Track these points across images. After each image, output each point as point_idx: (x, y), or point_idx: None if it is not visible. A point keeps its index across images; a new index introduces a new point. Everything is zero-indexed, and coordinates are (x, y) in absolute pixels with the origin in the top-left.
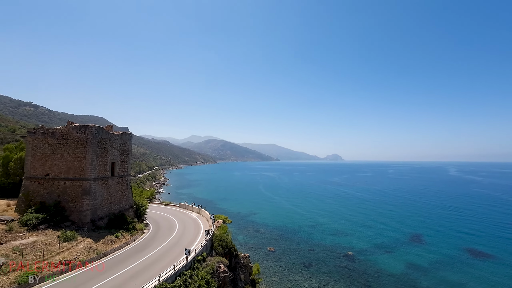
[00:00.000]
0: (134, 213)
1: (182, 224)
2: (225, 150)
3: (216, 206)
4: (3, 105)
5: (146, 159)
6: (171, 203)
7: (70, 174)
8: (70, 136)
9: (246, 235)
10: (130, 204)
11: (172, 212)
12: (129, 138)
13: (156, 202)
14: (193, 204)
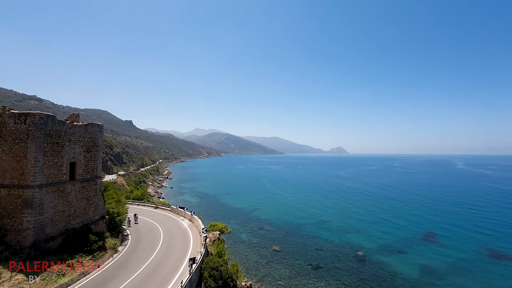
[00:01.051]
0: (107, 225)
1: (168, 237)
2: (229, 143)
3: (219, 201)
4: (8, 99)
5: (150, 152)
6: (163, 206)
7: (6, 179)
8: (6, 128)
9: (250, 233)
10: (101, 214)
11: (161, 219)
12: (98, 130)
13: (146, 205)
14: (186, 209)
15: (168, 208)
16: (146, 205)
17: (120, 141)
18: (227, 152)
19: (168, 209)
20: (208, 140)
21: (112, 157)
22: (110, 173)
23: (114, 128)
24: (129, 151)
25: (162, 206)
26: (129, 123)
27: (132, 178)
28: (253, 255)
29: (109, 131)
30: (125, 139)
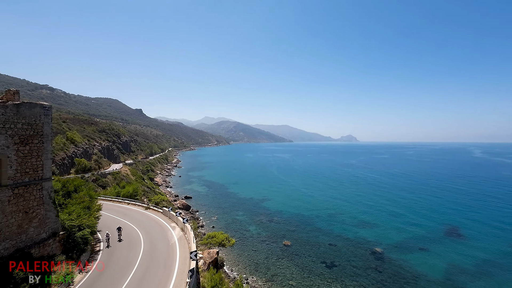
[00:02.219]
0: (63, 244)
1: (147, 258)
2: (237, 131)
3: (227, 191)
4: (21, 88)
5: (160, 141)
6: (154, 207)
7: None
8: None
9: (259, 225)
10: (51, 231)
11: (147, 225)
12: (43, 113)
13: (137, 204)
14: (179, 214)
15: (160, 210)
16: (137, 204)
17: (130, 129)
18: (236, 140)
19: (160, 211)
20: (217, 128)
21: (119, 146)
22: (116, 162)
23: (124, 116)
24: (138, 140)
25: (153, 206)
26: (139, 111)
27: (140, 167)
28: (263, 251)
29: (119, 120)
30: (135, 127)
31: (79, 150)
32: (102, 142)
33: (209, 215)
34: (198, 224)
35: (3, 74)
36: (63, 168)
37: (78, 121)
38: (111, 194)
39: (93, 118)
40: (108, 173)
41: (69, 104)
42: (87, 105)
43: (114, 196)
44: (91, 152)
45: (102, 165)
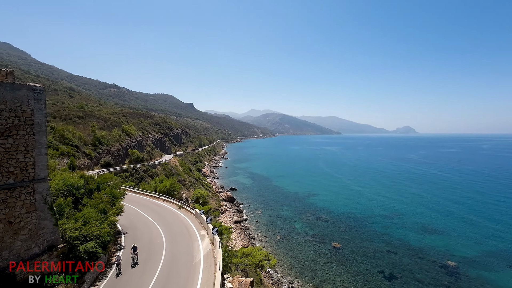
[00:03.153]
0: (62, 259)
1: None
2: (283, 123)
3: (272, 184)
4: (94, 87)
5: (208, 133)
6: (187, 207)
7: None
8: None
9: (306, 223)
10: (46, 244)
11: (175, 231)
12: (33, 97)
13: (172, 201)
14: (209, 219)
15: (192, 212)
16: (171, 201)
17: (182, 122)
18: (281, 132)
19: (193, 212)
20: (263, 121)
21: (171, 138)
22: (168, 153)
23: (177, 110)
24: (188, 132)
25: (186, 206)
26: (191, 105)
27: (189, 158)
28: (309, 251)
29: (173, 113)
30: (186, 120)
31: (133, 141)
32: (156, 134)
33: (253, 208)
34: (242, 218)
35: (80, 76)
36: (118, 158)
37: (136, 115)
38: (149, 188)
39: (150, 112)
40: (158, 164)
41: (132, 100)
42: (146, 100)
43: (152, 190)
44: (145, 144)
45: (153, 156)
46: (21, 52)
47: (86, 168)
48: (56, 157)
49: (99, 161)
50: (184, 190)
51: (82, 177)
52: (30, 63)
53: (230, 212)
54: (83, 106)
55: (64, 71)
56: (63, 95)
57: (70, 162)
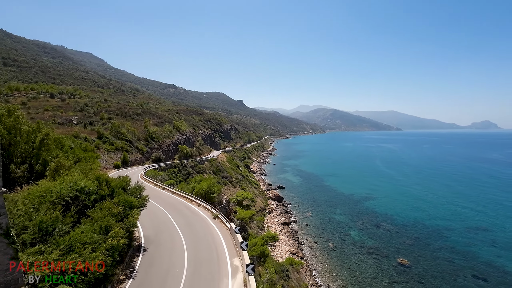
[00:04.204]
0: None
1: None
2: (334, 119)
3: (323, 183)
4: (155, 88)
5: (257, 129)
6: (223, 218)
7: None
8: None
9: (363, 231)
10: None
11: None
12: None
13: (208, 208)
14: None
15: (227, 226)
16: (207, 208)
17: (232, 119)
18: (332, 129)
19: (228, 227)
20: (313, 116)
21: (221, 134)
22: (217, 149)
23: (228, 107)
24: (237, 128)
25: (222, 216)
26: (240, 102)
27: (237, 154)
28: (369, 266)
29: (223, 110)
30: (236, 117)
31: (183, 137)
32: (206, 130)
33: (302, 209)
34: (290, 219)
35: (145, 78)
36: (168, 154)
37: (189, 112)
38: (187, 190)
39: (202, 110)
40: (205, 159)
41: (187, 99)
42: (200, 99)
43: (190, 192)
44: (195, 140)
45: (202, 151)
46: (99, 60)
47: (138, 162)
48: (112, 152)
49: (150, 156)
50: (229, 187)
51: (98, 179)
52: (106, 69)
53: (277, 212)
54: (142, 104)
55: (132, 74)
56: (129, 95)
57: (123, 157)
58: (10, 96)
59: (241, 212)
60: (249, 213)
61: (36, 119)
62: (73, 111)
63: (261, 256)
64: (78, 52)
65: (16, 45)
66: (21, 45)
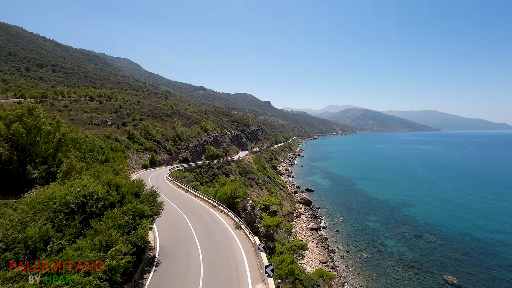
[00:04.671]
0: None
1: None
2: (366, 119)
3: (354, 187)
4: (186, 90)
5: (285, 130)
6: (246, 229)
7: None
8: None
9: (401, 241)
10: None
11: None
12: None
13: (230, 216)
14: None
15: (251, 240)
16: (229, 215)
17: (259, 119)
18: (363, 129)
19: (251, 241)
20: (342, 117)
21: (248, 134)
22: (244, 149)
23: (255, 108)
24: (264, 129)
25: (245, 227)
26: (268, 103)
27: (264, 155)
28: (410, 283)
29: (251, 111)
30: (263, 118)
31: (210, 138)
32: (233, 131)
33: (332, 214)
34: (319, 225)
35: (176, 81)
36: (195, 154)
37: (217, 113)
38: (210, 194)
39: (230, 111)
40: (232, 160)
41: (216, 100)
42: (228, 100)
43: (213, 195)
44: (221, 140)
45: (229, 152)
46: (136, 65)
47: (165, 163)
48: (140, 152)
49: (178, 157)
50: (255, 189)
51: (109, 183)
52: (141, 73)
53: (305, 217)
54: (172, 106)
55: (165, 78)
56: (161, 97)
57: (151, 157)
58: (55, 99)
59: (267, 219)
60: (276, 221)
61: (75, 120)
62: (109, 112)
63: (290, 274)
64: (117, 58)
65: (64, 53)
66: (68, 54)
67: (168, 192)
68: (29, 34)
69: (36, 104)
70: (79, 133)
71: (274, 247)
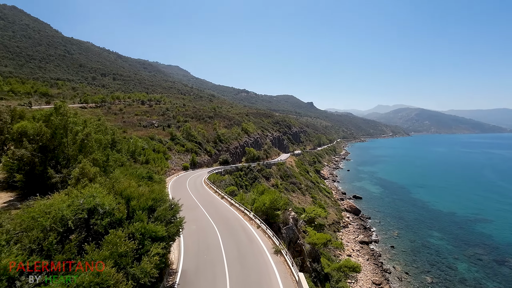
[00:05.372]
0: None
1: None
2: (421, 120)
3: (410, 196)
4: (229, 93)
5: (328, 132)
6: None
7: None
8: None
9: (476, 266)
10: None
11: None
12: None
13: (268, 235)
14: None
15: (294, 274)
16: (266, 232)
17: (301, 121)
18: (418, 131)
19: (295, 277)
20: (393, 117)
21: (290, 136)
22: (286, 152)
23: (298, 110)
24: (307, 131)
25: (286, 254)
26: (310, 104)
27: (306, 158)
28: None
29: (293, 113)
30: (306, 119)
31: (251, 139)
32: (274, 132)
33: (385, 227)
34: (370, 238)
35: (221, 85)
36: (235, 156)
37: (259, 115)
38: (247, 202)
39: (272, 112)
40: (273, 163)
41: (258, 102)
42: (270, 102)
43: (250, 204)
44: (262, 142)
45: (270, 154)
46: (184, 71)
47: (206, 164)
48: (182, 153)
49: (218, 158)
50: (297, 194)
51: (121, 193)
52: (189, 79)
53: (354, 228)
54: (215, 108)
55: (210, 82)
56: (205, 100)
57: (192, 159)
58: (112, 104)
59: (313, 235)
60: (323, 238)
61: (127, 122)
62: (157, 115)
63: None
64: (168, 66)
65: (124, 63)
66: (127, 64)
67: (204, 197)
68: (97, 48)
69: (63, 102)
70: (127, 134)
71: (321, 269)
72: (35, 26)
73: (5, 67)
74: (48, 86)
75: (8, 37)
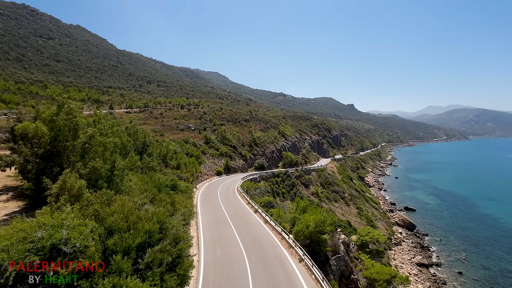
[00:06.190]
0: None
1: None
2: (482, 121)
3: (478, 210)
4: (266, 97)
5: (372, 135)
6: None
7: None
8: None
9: None
10: None
11: None
12: None
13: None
14: None
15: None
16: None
17: (341, 124)
18: (479, 134)
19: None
20: (447, 119)
21: (329, 140)
22: (325, 156)
23: (337, 112)
24: (348, 134)
25: (321, 275)
26: (351, 106)
27: (348, 163)
28: None
29: (332, 116)
30: (346, 122)
31: (288, 143)
32: (313, 136)
33: (448, 247)
34: (430, 260)
35: (258, 89)
36: (271, 161)
37: (296, 117)
38: (285, 221)
39: (310, 115)
40: (312, 169)
41: (295, 106)
42: (307, 105)
43: (290, 223)
44: (300, 146)
45: (309, 159)
46: (223, 77)
47: (240, 169)
48: (216, 157)
49: (253, 163)
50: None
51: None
52: (227, 84)
53: (408, 246)
54: (251, 111)
55: (247, 87)
56: (242, 104)
57: (226, 163)
58: (154, 108)
59: (370, 267)
60: (386, 273)
61: (166, 126)
62: (194, 119)
63: None
64: (208, 72)
65: (168, 71)
66: (171, 71)
67: (235, 210)
68: (145, 58)
69: (69, 100)
70: (164, 137)
71: None
72: (94, 41)
73: (67, 78)
74: (100, 94)
75: (72, 52)
